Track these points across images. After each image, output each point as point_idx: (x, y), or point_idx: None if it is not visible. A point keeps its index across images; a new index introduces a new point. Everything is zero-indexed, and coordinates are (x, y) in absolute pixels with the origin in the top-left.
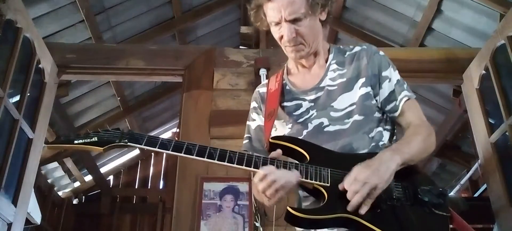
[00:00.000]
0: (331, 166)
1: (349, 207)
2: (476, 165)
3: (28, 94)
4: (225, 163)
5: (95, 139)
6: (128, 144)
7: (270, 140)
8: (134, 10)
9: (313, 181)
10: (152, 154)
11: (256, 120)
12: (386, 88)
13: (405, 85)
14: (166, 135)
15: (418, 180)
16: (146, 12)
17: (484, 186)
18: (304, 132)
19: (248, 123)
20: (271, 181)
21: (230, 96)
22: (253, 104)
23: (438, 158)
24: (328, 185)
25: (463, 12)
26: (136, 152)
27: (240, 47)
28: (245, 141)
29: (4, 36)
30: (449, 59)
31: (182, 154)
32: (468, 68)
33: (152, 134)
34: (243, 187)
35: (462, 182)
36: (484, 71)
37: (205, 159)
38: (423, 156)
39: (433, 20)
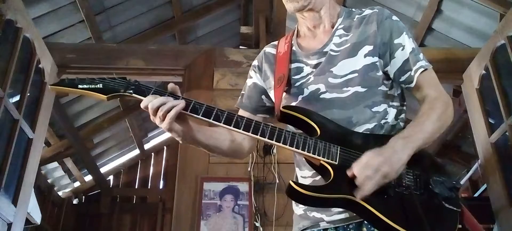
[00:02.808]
0: (341, 143)
1: (359, 194)
2: (476, 165)
3: (28, 94)
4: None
5: (100, 85)
6: (133, 95)
7: (282, 109)
8: (134, 10)
9: (320, 157)
10: (152, 154)
11: (252, 77)
12: (399, 57)
13: (421, 55)
14: (166, 135)
15: (431, 169)
16: (146, 12)
17: (484, 186)
18: (299, 97)
19: (246, 80)
20: (152, 109)
21: (230, 96)
22: (255, 62)
23: (438, 158)
24: (336, 163)
25: (463, 12)
26: (136, 151)
27: (240, 47)
28: (239, 97)
29: (4, 36)
30: (449, 59)
31: (188, 112)
32: (468, 68)
33: (152, 133)
34: (243, 187)
35: (462, 182)
36: (484, 71)
37: (211, 120)
38: (438, 135)
39: (433, 20)
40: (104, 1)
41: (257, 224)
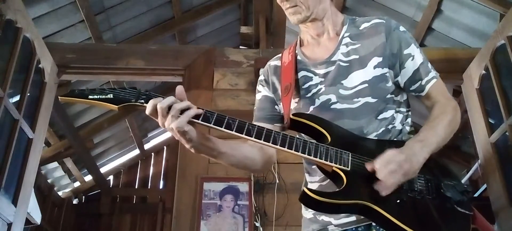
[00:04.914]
0: (352, 150)
1: (382, 188)
2: (476, 165)
3: (28, 94)
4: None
5: (110, 96)
6: (144, 105)
7: (292, 117)
8: (134, 10)
9: (333, 164)
10: (152, 154)
11: (261, 91)
12: (409, 68)
13: (429, 65)
14: (166, 135)
15: (440, 173)
16: (146, 12)
17: (484, 186)
18: (311, 108)
19: (256, 96)
20: (162, 108)
21: (230, 96)
22: (261, 77)
23: (437, 158)
24: (348, 169)
25: (463, 12)
26: (136, 151)
27: (240, 47)
28: (254, 113)
29: (4, 36)
30: (449, 59)
31: (199, 121)
32: (468, 68)
33: (152, 133)
34: (243, 187)
35: (462, 182)
36: (484, 71)
37: (222, 129)
38: (448, 139)
39: (433, 20)
40: (104, 1)
41: (257, 224)
